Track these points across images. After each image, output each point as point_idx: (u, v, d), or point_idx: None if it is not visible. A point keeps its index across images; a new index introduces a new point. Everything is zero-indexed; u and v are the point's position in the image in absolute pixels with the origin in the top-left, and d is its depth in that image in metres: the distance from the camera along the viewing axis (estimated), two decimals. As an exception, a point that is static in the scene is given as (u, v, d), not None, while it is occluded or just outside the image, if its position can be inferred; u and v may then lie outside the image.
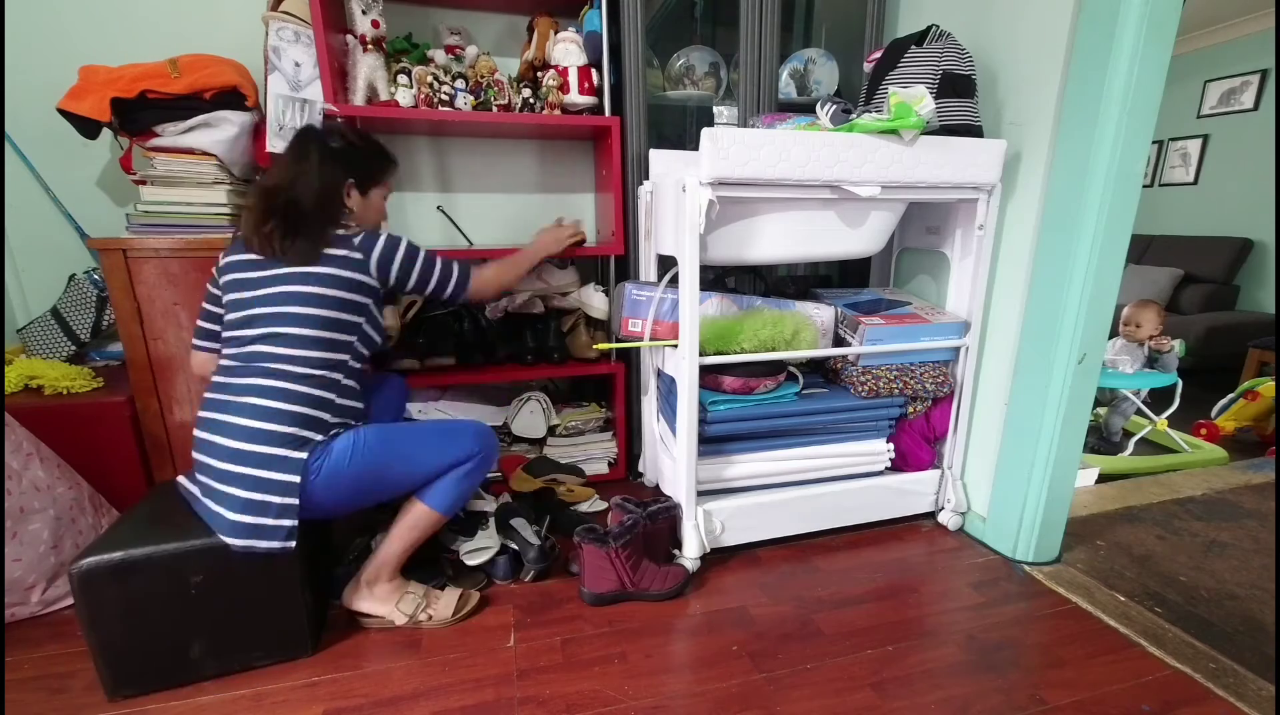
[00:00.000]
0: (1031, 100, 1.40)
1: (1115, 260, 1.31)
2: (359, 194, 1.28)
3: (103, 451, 1.48)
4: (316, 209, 1.17)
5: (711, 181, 1.24)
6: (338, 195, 1.23)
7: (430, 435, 1.22)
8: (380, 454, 1.16)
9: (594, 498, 1.80)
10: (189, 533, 1.09)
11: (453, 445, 1.21)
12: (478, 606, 1.33)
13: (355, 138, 1.29)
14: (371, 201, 1.32)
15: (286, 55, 1.48)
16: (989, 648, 1.23)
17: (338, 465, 1.11)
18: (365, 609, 1.26)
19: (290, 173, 1.18)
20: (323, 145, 1.22)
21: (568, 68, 1.68)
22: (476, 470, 1.23)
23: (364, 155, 1.29)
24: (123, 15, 1.63)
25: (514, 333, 1.85)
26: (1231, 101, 3.63)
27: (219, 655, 1.14)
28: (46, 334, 1.65)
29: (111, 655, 1.07)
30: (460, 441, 1.22)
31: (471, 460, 1.22)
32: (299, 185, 1.17)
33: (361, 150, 1.29)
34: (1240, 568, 1.53)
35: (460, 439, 1.22)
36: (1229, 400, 2.50)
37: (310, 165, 1.18)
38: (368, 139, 1.33)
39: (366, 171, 1.29)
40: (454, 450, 1.21)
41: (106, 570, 1.04)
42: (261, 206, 1.15)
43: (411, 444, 1.20)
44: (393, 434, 1.20)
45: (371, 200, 1.31)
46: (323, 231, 1.16)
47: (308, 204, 1.16)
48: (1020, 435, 1.49)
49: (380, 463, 1.16)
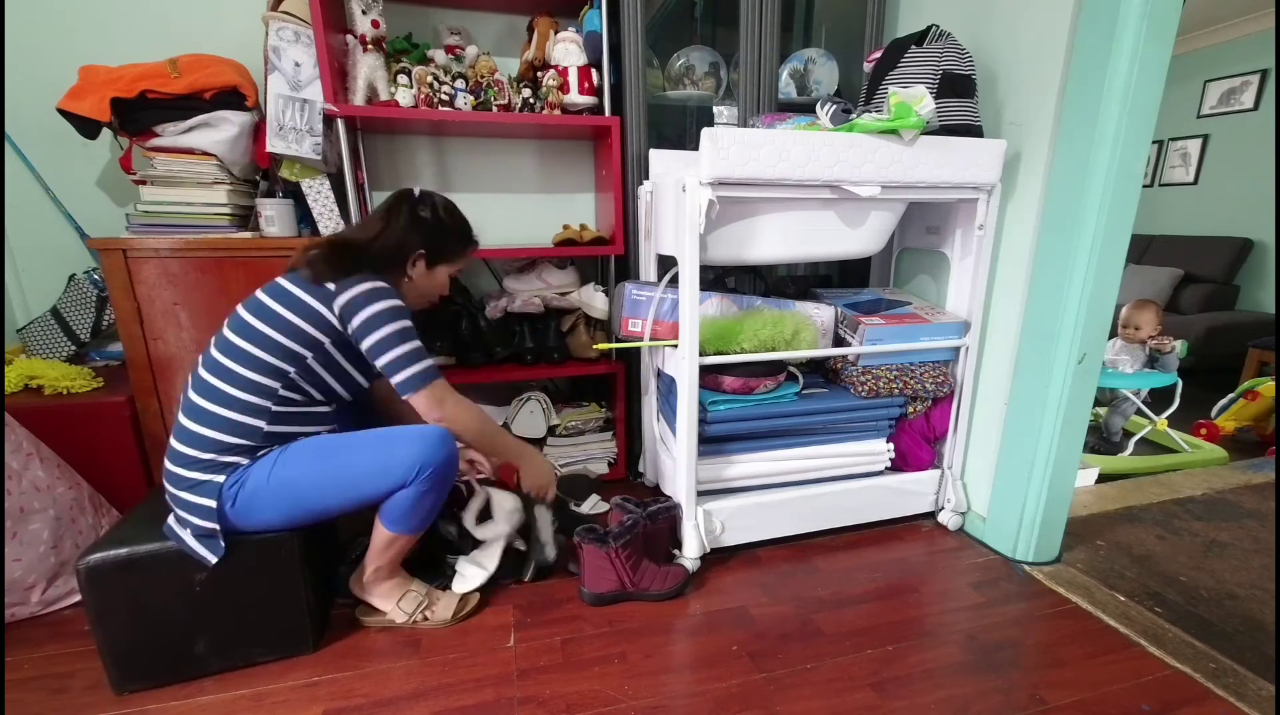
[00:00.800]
0: (1031, 100, 1.40)
1: (1115, 260, 1.31)
2: (425, 266, 1.26)
3: (103, 451, 1.48)
4: (378, 258, 1.17)
5: (711, 181, 1.24)
6: (402, 258, 1.21)
7: (364, 452, 1.10)
8: (303, 473, 1.08)
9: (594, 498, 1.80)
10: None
11: (388, 467, 1.09)
12: (478, 606, 1.33)
13: (445, 213, 1.27)
14: (435, 277, 1.29)
15: (286, 55, 1.48)
16: (989, 648, 1.23)
17: (257, 485, 1.06)
18: (365, 599, 1.27)
19: (374, 228, 1.19)
20: (412, 210, 1.22)
21: (568, 68, 1.68)
22: (429, 491, 1.13)
23: (447, 231, 1.27)
24: (123, 15, 1.63)
25: (514, 332, 1.85)
26: (1231, 101, 3.63)
27: (223, 651, 1.15)
28: (46, 334, 1.65)
29: (117, 651, 1.08)
30: (396, 461, 1.09)
31: (412, 483, 1.10)
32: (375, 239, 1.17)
33: (447, 226, 1.27)
34: (1240, 568, 1.53)
35: (396, 458, 1.09)
36: (1229, 400, 2.50)
37: (394, 226, 1.19)
38: (457, 216, 1.31)
39: (442, 247, 1.27)
40: (389, 474, 1.09)
41: (112, 566, 1.05)
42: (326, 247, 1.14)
43: (341, 461, 1.09)
44: (322, 449, 1.10)
45: (436, 276, 1.29)
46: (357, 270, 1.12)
47: (373, 253, 1.16)
48: (1020, 435, 1.49)
49: (305, 483, 1.08)
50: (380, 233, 1.19)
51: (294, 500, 1.09)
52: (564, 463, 1.91)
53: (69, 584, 1.32)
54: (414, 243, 1.22)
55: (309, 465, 1.09)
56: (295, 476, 1.08)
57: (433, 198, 1.27)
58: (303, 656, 1.20)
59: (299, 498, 1.09)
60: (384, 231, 1.19)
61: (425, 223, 1.23)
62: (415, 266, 1.24)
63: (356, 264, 1.13)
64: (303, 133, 1.51)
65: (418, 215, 1.22)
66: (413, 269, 1.24)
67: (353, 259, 1.14)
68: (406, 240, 1.21)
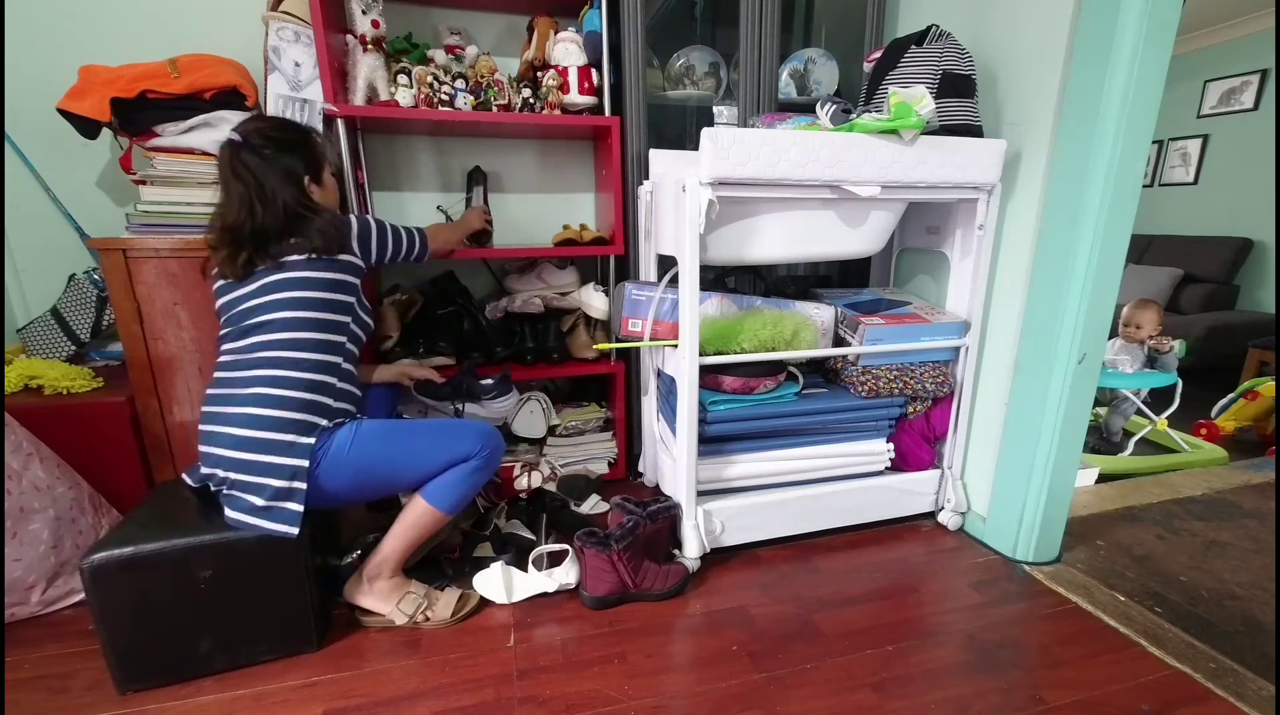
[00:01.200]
0: (1031, 100, 1.40)
1: (1115, 260, 1.31)
2: (317, 185, 1.24)
3: (103, 451, 1.48)
4: (287, 224, 1.15)
5: (711, 181, 1.24)
6: (302, 201, 1.18)
7: (432, 431, 1.23)
8: (380, 444, 1.17)
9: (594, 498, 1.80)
10: (197, 529, 1.11)
11: (455, 442, 1.21)
12: (478, 606, 1.33)
13: (273, 130, 1.20)
14: (327, 184, 1.28)
15: (286, 55, 1.48)
16: (989, 648, 1.23)
17: (339, 453, 1.13)
18: (366, 605, 1.27)
19: (243, 202, 1.13)
20: (256, 158, 1.15)
21: (568, 68, 1.68)
22: (481, 469, 1.23)
23: (296, 144, 1.21)
24: (123, 15, 1.63)
25: (514, 332, 1.85)
26: (1231, 101, 3.62)
27: (227, 650, 1.15)
28: (46, 334, 1.65)
29: (121, 650, 1.09)
30: (462, 439, 1.22)
31: (473, 458, 1.21)
32: (259, 212, 1.13)
33: (291, 140, 1.21)
34: (1240, 568, 1.53)
35: (463, 436, 1.22)
36: (1229, 400, 2.50)
37: (257, 185, 1.14)
38: (284, 124, 1.25)
39: (310, 158, 1.23)
40: (456, 447, 1.21)
41: (117, 565, 1.05)
42: (231, 246, 1.14)
43: (412, 437, 1.21)
44: (393, 426, 1.22)
45: (327, 183, 1.28)
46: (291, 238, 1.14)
47: (277, 226, 1.14)
48: (1020, 435, 1.49)
49: (380, 452, 1.17)
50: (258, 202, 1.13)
51: (367, 470, 1.17)
52: (564, 463, 1.90)
53: (69, 584, 1.32)
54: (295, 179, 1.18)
55: (385, 440, 1.19)
56: (372, 449, 1.16)
57: (246, 138, 1.16)
58: (306, 655, 1.20)
59: (372, 468, 1.17)
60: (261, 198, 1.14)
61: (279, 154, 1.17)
62: (311, 190, 1.22)
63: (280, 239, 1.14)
64: (303, 133, 1.51)
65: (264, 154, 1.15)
66: (314, 195, 1.23)
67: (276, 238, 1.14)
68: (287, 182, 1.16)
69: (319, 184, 1.25)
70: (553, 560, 1.42)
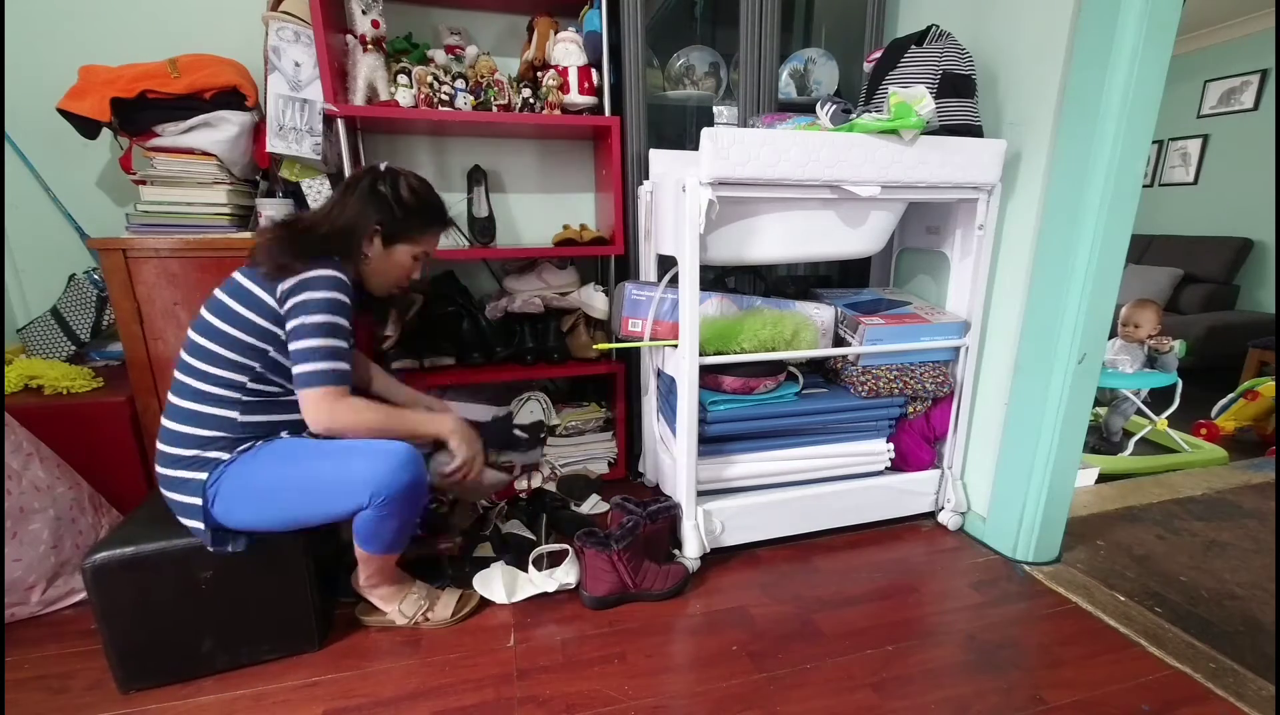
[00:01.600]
0: (1031, 100, 1.40)
1: (1115, 260, 1.31)
2: (381, 244, 1.17)
3: (103, 451, 1.48)
4: (330, 238, 1.11)
5: (711, 181, 1.24)
6: (356, 236, 1.14)
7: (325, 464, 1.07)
8: (271, 474, 1.06)
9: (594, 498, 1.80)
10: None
11: (345, 490, 1.05)
12: (478, 607, 1.33)
13: (409, 189, 1.18)
14: (394, 257, 1.20)
15: (286, 55, 1.48)
16: (989, 648, 1.23)
17: (232, 482, 1.05)
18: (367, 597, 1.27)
19: (328, 206, 1.15)
20: (371, 185, 1.15)
21: (568, 68, 1.68)
22: (390, 515, 1.08)
23: (407, 207, 1.18)
24: (123, 15, 1.63)
25: (514, 332, 1.85)
26: (1231, 101, 3.62)
27: (229, 649, 1.15)
28: (46, 334, 1.65)
29: (123, 650, 1.09)
30: (352, 485, 1.04)
31: (368, 509, 1.06)
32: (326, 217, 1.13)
33: (407, 202, 1.18)
34: (1240, 568, 1.53)
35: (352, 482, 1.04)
36: (1229, 400, 2.50)
37: (349, 202, 1.14)
38: (422, 194, 1.21)
39: (401, 223, 1.18)
40: (348, 497, 1.05)
41: (119, 565, 1.06)
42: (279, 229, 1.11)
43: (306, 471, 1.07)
44: (290, 453, 1.08)
45: (394, 256, 1.20)
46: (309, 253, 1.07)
47: (321, 231, 1.11)
48: (1020, 435, 1.49)
49: (272, 483, 1.06)
50: (331, 210, 1.14)
51: (264, 503, 1.06)
52: (564, 463, 1.91)
53: (69, 584, 1.32)
54: (367, 219, 1.14)
55: (274, 469, 1.06)
56: (262, 479, 1.06)
57: (399, 174, 1.19)
58: (306, 655, 1.20)
59: (268, 501, 1.06)
60: (336, 209, 1.14)
61: (383, 198, 1.15)
62: (371, 244, 1.16)
63: (306, 246, 1.07)
64: (303, 133, 1.51)
65: (376, 190, 1.15)
66: (369, 248, 1.16)
67: (302, 240, 1.08)
68: (360, 216, 1.14)
69: (385, 245, 1.18)
70: (552, 560, 1.42)
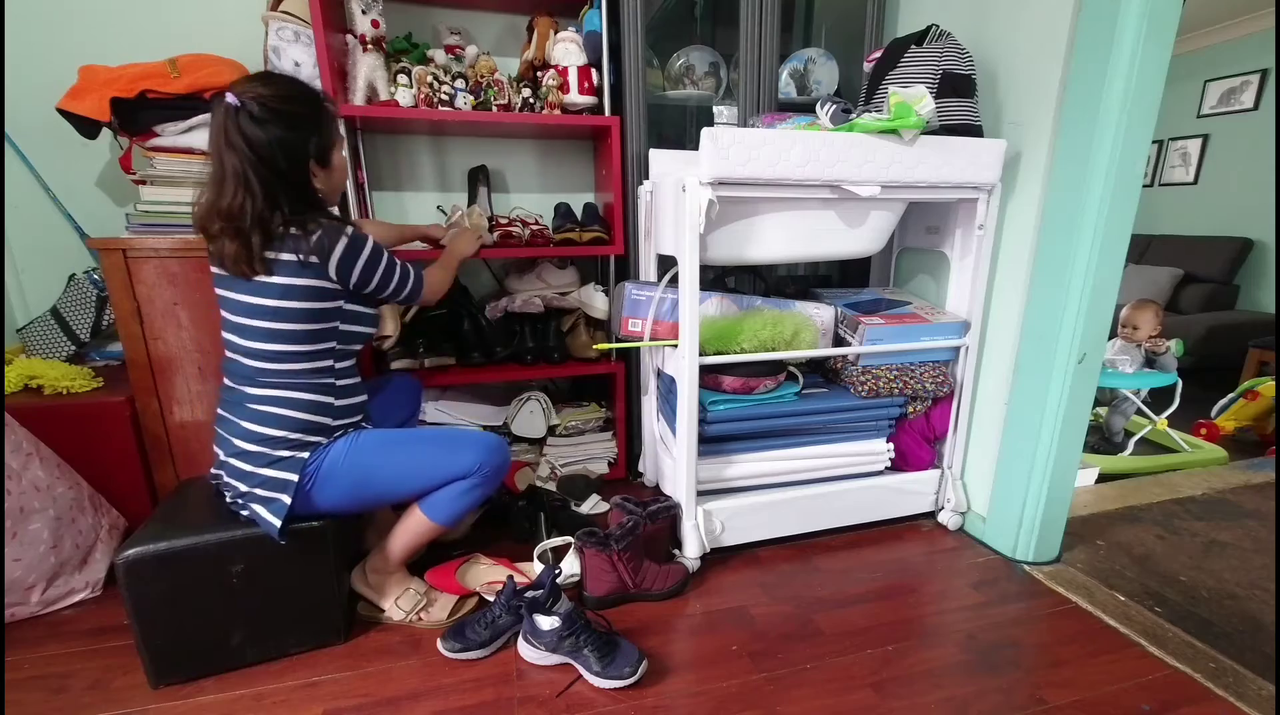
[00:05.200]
0: (1031, 100, 1.40)
1: (1115, 260, 1.31)
2: (321, 168, 1.10)
3: (103, 451, 1.48)
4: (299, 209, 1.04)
5: (711, 181, 1.24)
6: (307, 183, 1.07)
7: (431, 446, 1.18)
8: (375, 459, 1.14)
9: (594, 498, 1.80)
10: (229, 524, 1.13)
11: (451, 461, 1.17)
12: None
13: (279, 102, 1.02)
14: (336, 166, 1.13)
15: (286, 55, 1.48)
16: (989, 648, 1.23)
17: (333, 467, 1.12)
18: (366, 595, 1.28)
19: (238, 179, 0.99)
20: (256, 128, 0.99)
21: (568, 68, 1.68)
22: (478, 486, 1.19)
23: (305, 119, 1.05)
24: (123, 15, 1.63)
25: (514, 332, 1.85)
26: (1231, 101, 3.63)
27: (258, 642, 1.17)
28: (46, 334, 1.65)
29: (156, 644, 1.10)
30: (460, 457, 1.17)
31: (471, 476, 1.17)
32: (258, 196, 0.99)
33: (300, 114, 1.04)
34: (1240, 568, 1.53)
35: (461, 454, 1.17)
36: (1229, 400, 2.50)
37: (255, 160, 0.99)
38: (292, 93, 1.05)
39: (320, 137, 1.08)
40: (452, 466, 1.17)
41: (152, 560, 1.06)
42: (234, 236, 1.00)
43: (409, 453, 1.17)
44: (392, 441, 1.17)
45: (335, 165, 1.13)
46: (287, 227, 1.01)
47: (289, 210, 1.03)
48: (1020, 435, 1.49)
49: (375, 468, 1.14)
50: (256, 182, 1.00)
51: (363, 482, 1.14)
52: (564, 463, 1.91)
53: (69, 584, 1.32)
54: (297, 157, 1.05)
55: (383, 452, 1.15)
56: (369, 461, 1.14)
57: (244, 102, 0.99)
58: (306, 654, 1.20)
59: (368, 481, 1.14)
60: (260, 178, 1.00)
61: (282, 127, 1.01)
62: (317, 177, 1.10)
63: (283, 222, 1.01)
64: (303, 133, 1.50)
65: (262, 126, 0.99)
66: (317, 182, 1.11)
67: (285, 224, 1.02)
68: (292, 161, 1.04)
69: (325, 167, 1.11)
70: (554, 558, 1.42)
